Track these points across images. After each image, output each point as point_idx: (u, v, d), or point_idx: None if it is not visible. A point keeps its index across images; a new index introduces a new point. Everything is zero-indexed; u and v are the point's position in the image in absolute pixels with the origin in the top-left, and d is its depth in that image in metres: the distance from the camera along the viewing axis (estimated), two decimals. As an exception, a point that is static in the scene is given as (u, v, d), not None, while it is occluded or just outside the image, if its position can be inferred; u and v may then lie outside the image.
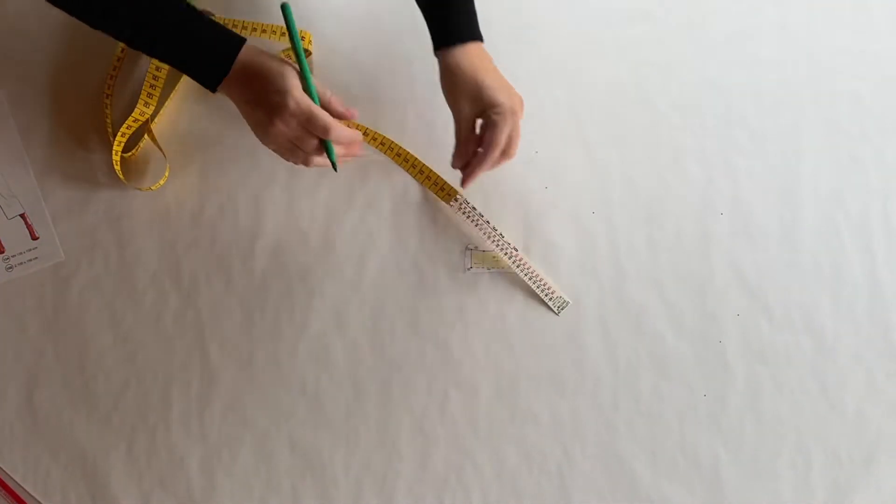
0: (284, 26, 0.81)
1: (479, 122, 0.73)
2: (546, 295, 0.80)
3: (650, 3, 0.85)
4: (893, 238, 0.82)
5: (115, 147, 0.80)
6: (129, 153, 0.82)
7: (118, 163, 0.81)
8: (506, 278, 0.81)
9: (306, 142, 0.68)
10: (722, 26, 0.85)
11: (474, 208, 0.81)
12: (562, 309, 0.80)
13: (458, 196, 0.81)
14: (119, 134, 0.80)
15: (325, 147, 0.69)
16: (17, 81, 0.83)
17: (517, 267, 0.80)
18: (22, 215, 0.82)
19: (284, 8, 0.69)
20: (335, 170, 0.71)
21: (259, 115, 0.68)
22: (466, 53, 0.72)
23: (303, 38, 0.81)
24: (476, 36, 0.73)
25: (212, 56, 0.68)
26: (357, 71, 0.84)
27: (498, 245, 0.80)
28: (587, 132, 0.83)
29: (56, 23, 0.83)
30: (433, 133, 0.82)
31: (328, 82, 0.83)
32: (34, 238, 0.82)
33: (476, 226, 0.81)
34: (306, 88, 0.68)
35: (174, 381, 0.81)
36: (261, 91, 0.67)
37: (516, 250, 0.80)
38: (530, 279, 0.80)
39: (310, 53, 0.82)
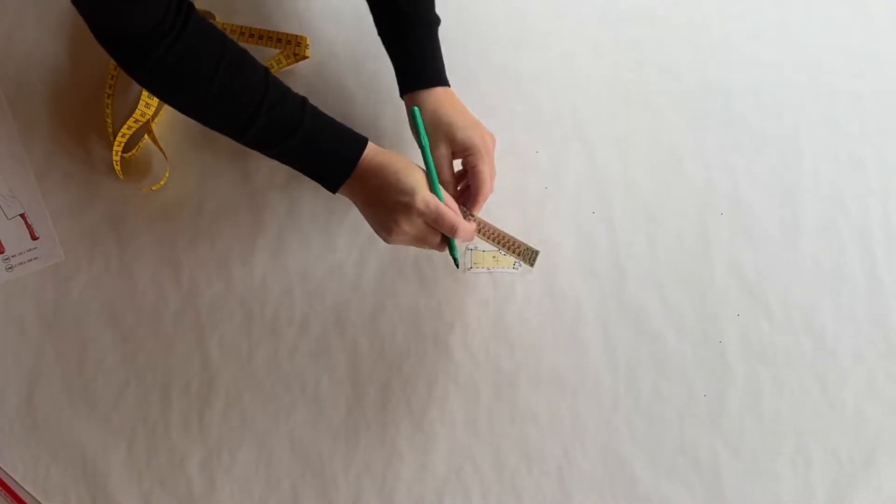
0: (282, 33, 0.82)
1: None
2: (515, 252, 0.75)
3: (650, 3, 0.85)
4: (893, 238, 0.82)
5: (115, 147, 0.80)
6: (130, 153, 0.82)
7: (118, 163, 0.81)
8: (506, 278, 0.81)
9: (430, 239, 0.70)
10: (722, 26, 0.85)
11: None
12: (534, 260, 0.76)
13: None
14: (119, 134, 0.80)
15: (448, 243, 0.71)
16: (17, 81, 0.83)
17: (478, 234, 0.75)
18: (22, 215, 0.82)
19: (414, 112, 0.71)
20: (457, 265, 0.74)
21: (382, 214, 0.68)
22: (435, 96, 0.73)
23: (299, 44, 0.81)
24: (443, 81, 0.74)
25: (334, 160, 0.68)
26: (356, 71, 0.84)
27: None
28: (587, 132, 0.83)
29: (56, 23, 0.83)
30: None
31: (328, 83, 0.84)
32: (34, 238, 0.82)
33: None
34: (431, 187, 0.69)
35: (174, 381, 0.81)
36: (385, 190, 0.68)
37: (472, 216, 0.74)
38: (495, 241, 0.75)
39: (307, 58, 0.82)
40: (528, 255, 0.76)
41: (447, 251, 0.71)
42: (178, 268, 0.82)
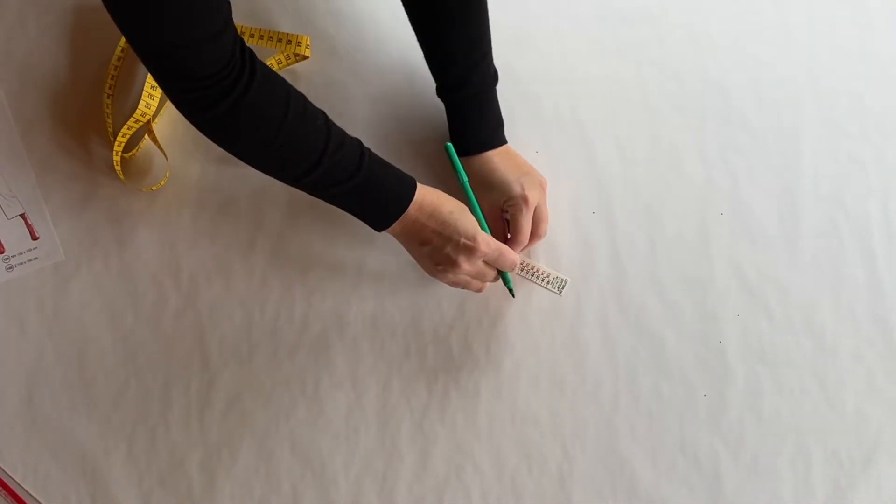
0: (282, 33, 0.82)
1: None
2: (544, 281, 0.80)
3: (650, 3, 0.85)
4: (893, 238, 0.82)
5: (115, 147, 0.80)
6: (130, 153, 0.82)
7: (118, 163, 0.81)
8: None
9: (488, 274, 0.73)
10: (722, 26, 0.85)
11: None
12: (562, 288, 0.80)
13: None
14: (120, 134, 0.80)
15: (502, 276, 0.75)
16: (17, 81, 0.83)
17: None
18: (22, 215, 0.82)
19: (447, 148, 0.75)
20: (513, 296, 0.78)
21: (439, 256, 0.70)
22: (481, 161, 0.76)
23: (300, 43, 0.81)
24: (493, 144, 0.76)
25: (386, 203, 0.69)
26: (356, 71, 0.84)
27: None
28: (587, 132, 0.83)
29: (56, 23, 0.83)
30: (431, 131, 0.82)
31: (328, 83, 0.84)
32: (34, 238, 0.82)
33: None
34: (479, 223, 0.72)
35: (174, 381, 0.81)
36: (443, 233, 0.70)
37: None
38: (524, 271, 0.80)
39: (307, 57, 0.82)
40: (556, 283, 0.80)
41: (492, 284, 0.76)
42: (178, 268, 0.82)
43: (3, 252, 0.82)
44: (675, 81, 0.84)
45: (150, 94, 0.81)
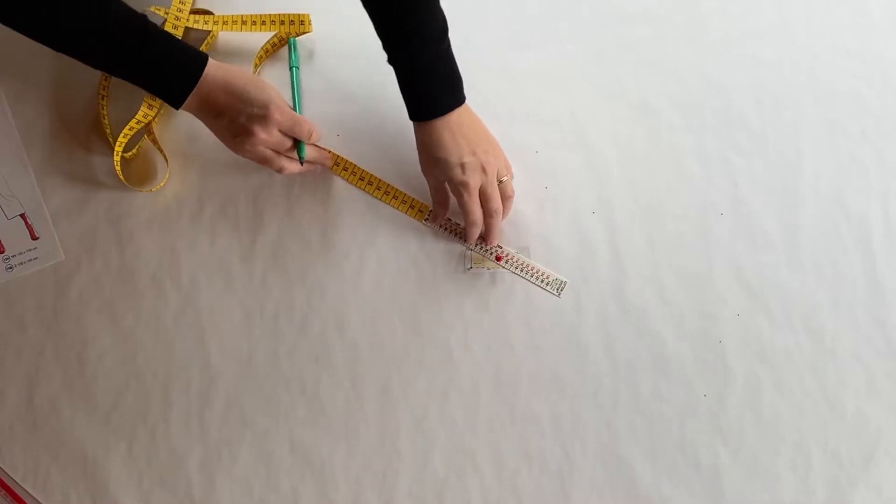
0: (283, 15, 0.82)
1: None
2: (542, 282, 0.80)
3: (650, 3, 0.85)
4: (893, 238, 0.82)
5: (116, 148, 0.80)
6: (130, 153, 0.82)
7: (119, 163, 0.81)
8: (505, 278, 0.81)
9: (284, 143, 0.73)
10: (722, 26, 0.85)
11: (449, 219, 0.81)
12: (561, 290, 0.80)
13: (430, 213, 0.82)
14: (121, 135, 0.80)
15: (297, 147, 0.76)
16: (17, 81, 0.83)
17: (506, 263, 0.80)
18: (22, 215, 0.82)
19: (290, 42, 0.78)
20: (301, 163, 0.77)
21: (235, 127, 0.71)
22: (426, 131, 0.75)
23: (303, 22, 0.82)
24: (435, 113, 0.74)
25: (175, 75, 0.70)
26: (355, 70, 0.84)
27: (482, 250, 0.81)
28: (587, 132, 0.83)
29: (56, 23, 0.83)
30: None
31: (326, 82, 0.84)
32: (34, 238, 0.82)
33: (455, 235, 0.81)
34: (294, 106, 0.73)
35: (174, 381, 0.81)
36: (236, 102, 0.70)
37: (500, 247, 0.81)
38: (523, 271, 0.80)
39: (310, 32, 0.83)
40: (555, 286, 0.80)
41: (297, 164, 0.76)
42: (177, 268, 0.82)
43: (3, 252, 0.82)
44: (675, 81, 0.84)
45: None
